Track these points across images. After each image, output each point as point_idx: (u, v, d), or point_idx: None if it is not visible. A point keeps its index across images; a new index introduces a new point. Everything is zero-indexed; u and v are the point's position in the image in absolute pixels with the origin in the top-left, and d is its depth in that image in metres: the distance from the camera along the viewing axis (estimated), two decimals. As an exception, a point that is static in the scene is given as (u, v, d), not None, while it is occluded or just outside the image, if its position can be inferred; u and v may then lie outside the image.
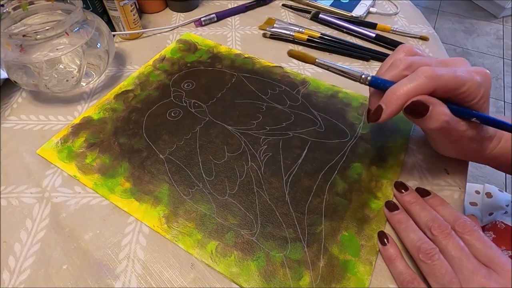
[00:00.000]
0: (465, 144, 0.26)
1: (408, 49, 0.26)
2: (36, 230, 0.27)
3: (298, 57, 0.28)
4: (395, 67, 0.25)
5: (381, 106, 0.24)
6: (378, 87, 0.25)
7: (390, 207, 0.27)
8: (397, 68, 0.24)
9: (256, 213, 0.28)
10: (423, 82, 0.22)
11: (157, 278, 0.25)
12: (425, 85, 0.22)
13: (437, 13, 1.88)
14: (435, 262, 0.22)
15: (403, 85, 0.23)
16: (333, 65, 0.26)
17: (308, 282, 0.24)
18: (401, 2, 0.53)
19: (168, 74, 0.40)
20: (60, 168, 0.31)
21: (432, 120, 0.23)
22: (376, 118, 0.24)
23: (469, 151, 0.27)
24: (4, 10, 0.34)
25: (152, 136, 0.33)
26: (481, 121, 0.24)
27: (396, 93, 0.23)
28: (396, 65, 0.25)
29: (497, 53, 1.63)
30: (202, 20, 0.48)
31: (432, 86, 0.22)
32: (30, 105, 0.37)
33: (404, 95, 0.23)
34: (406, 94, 0.22)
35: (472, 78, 0.23)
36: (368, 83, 0.25)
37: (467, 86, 0.23)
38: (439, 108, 0.23)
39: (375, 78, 0.25)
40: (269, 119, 0.35)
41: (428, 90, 0.22)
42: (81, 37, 0.34)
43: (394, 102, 0.23)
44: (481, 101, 0.23)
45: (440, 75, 0.22)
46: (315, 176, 0.30)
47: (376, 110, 0.24)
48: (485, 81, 0.23)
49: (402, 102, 0.23)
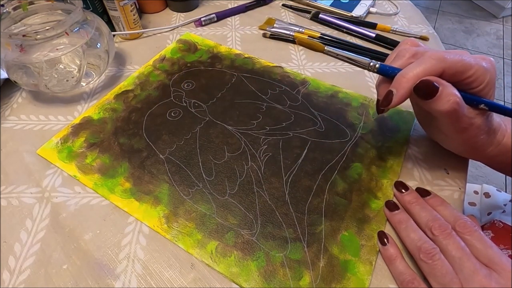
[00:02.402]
0: (472, 134, 0.25)
1: (412, 42, 0.26)
2: (36, 230, 0.27)
3: (307, 44, 0.28)
4: (402, 56, 0.25)
5: (391, 91, 0.24)
6: (386, 74, 0.25)
7: (391, 207, 0.27)
8: (404, 57, 0.25)
9: (256, 213, 0.28)
10: (432, 64, 0.22)
11: (157, 278, 0.25)
12: (434, 67, 0.22)
13: (437, 13, 1.88)
14: (436, 262, 0.22)
15: (412, 68, 0.23)
16: (342, 53, 0.26)
17: (308, 282, 0.24)
18: (401, 2, 0.53)
19: (168, 74, 0.40)
20: (60, 168, 0.31)
21: (442, 101, 0.22)
22: (387, 103, 0.24)
23: (475, 143, 0.26)
24: (4, 10, 0.34)
25: (152, 136, 0.33)
26: (489, 107, 0.24)
27: (405, 76, 0.23)
28: (402, 55, 0.25)
29: (497, 53, 1.63)
30: (202, 20, 0.48)
31: (441, 67, 0.22)
32: (30, 105, 0.37)
33: (414, 77, 0.23)
34: (416, 76, 0.23)
35: (478, 63, 0.23)
36: (377, 70, 0.25)
37: (473, 70, 0.23)
38: (449, 89, 0.22)
39: (383, 66, 0.25)
40: (269, 119, 0.35)
41: (437, 71, 0.22)
42: (81, 37, 0.34)
43: (404, 85, 0.23)
44: (487, 87, 0.23)
45: (447, 58, 0.23)
46: (315, 176, 0.30)
47: (386, 95, 0.24)
48: (491, 68, 0.23)
49: (412, 84, 0.23)
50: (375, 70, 0.25)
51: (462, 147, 0.28)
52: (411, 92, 0.23)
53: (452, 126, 0.25)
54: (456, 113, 0.23)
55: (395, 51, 0.27)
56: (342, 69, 0.41)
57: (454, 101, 0.22)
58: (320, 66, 0.42)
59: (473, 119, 0.24)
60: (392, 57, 0.26)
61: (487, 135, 0.26)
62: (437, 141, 0.31)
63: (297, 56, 0.43)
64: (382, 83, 0.26)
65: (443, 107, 0.23)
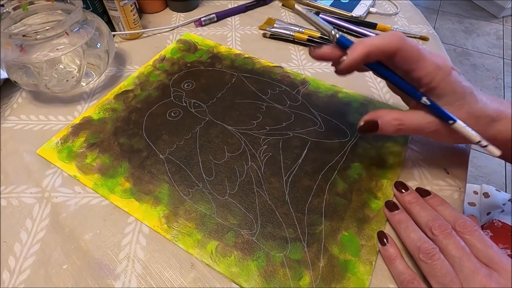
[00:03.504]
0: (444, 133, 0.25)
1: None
2: (36, 230, 0.27)
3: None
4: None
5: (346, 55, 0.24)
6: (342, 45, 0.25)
7: (390, 207, 0.27)
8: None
9: (256, 213, 0.28)
10: (390, 39, 0.24)
11: (157, 278, 0.25)
12: (391, 42, 0.23)
13: (437, 13, 1.89)
14: (436, 262, 0.22)
15: (371, 38, 0.24)
16: (308, 14, 0.26)
17: (308, 282, 0.24)
18: (401, 2, 0.53)
19: (168, 74, 0.40)
20: (60, 168, 0.31)
21: (385, 129, 0.25)
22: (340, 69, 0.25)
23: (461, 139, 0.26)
24: (4, 10, 0.34)
25: (152, 136, 0.33)
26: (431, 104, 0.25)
27: (363, 41, 0.24)
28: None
29: (497, 53, 1.62)
30: (202, 20, 0.48)
31: (396, 46, 0.23)
32: (30, 105, 0.37)
33: (370, 44, 0.24)
34: (372, 44, 0.24)
35: (431, 58, 0.24)
36: (336, 40, 0.25)
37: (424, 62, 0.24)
38: (387, 117, 0.25)
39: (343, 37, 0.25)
40: (269, 119, 0.35)
41: (392, 47, 0.23)
42: (81, 37, 0.34)
43: (358, 50, 0.24)
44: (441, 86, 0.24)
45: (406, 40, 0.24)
46: (315, 176, 0.30)
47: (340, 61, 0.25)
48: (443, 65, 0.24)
49: (366, 51, 0.24)
50: (335, 40, 0.25)
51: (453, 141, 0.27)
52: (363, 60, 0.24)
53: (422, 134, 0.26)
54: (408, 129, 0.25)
55: None
56: (342, 69, 0.41)
57: (395, 124, 0.25)
58: (320, 66, 0.42)
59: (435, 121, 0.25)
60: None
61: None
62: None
63: (297, 56, 0.43)
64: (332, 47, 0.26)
65: (389, 131, 0.25)
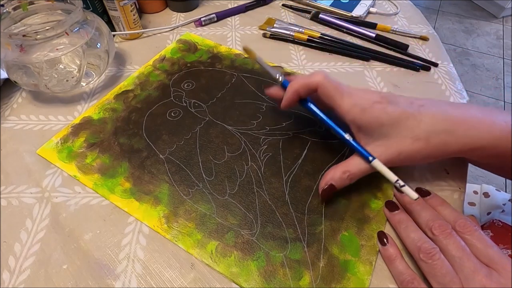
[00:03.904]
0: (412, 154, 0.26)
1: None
2: (36, 230, 0.27)
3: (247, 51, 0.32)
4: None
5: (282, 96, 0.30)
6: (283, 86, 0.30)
7: (390, 207, 0.27)
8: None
9: (256, 213, 0.28)
10: (313, 76, 0.27)
11: (157, 278, 0.25)
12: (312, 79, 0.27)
13: (437, 13, 1.89)
14: (436, 261, 0.22)
15: (298, 78, 0.29)
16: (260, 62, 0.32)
17: (308, 282, 0.24)
18: (401, 2, 0.53)
19: (168, 74, 0.40)
20: (60, 168, 0.31)
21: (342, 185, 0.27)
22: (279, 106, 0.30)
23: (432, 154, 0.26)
24: (4, 10, 0.34)
25: (152, 136, 0.33)
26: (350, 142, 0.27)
27: (291, 84, 0.29)
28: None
29: (497, 53, 1.63)
30: (202, 20, 0.48)
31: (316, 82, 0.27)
32: (30, 105, 0.37)
33: (297, 83, 0.28)
34: (298, 82, 0.28)
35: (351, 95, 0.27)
36: (280, 83, 0.30)
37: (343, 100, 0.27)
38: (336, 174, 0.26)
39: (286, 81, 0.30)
40: (269, 119, 0.35)
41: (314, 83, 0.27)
42: (81, 37, 0.34)
43: (290, 90, 0.29)
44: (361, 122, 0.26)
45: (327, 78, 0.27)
46: (315, 176, 0.30)
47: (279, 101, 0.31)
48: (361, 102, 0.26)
49: (295, 89, 0.28)
50: (279, 83, 0.30)
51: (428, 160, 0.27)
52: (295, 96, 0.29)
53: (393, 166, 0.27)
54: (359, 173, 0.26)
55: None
56: (342, 69, 0.41)
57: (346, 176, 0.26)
58: (320, 66, 0.42)
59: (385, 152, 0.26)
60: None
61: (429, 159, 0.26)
62: None
63: (297, 56, 0.43)
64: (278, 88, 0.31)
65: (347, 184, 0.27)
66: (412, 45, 0.44)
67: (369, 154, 0.26)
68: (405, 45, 0.43)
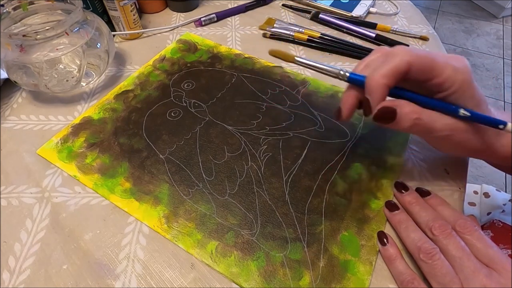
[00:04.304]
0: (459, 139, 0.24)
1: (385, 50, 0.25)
2: (36, 230, 0.27)
3: (278, 55, 0.28)
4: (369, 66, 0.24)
5: (368, 99, 0.23)
6: (355, 82, 0.24)
7: (390, 207, 0.27)
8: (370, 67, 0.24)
9: (256, 213, 0.28)
10: (396, 60, 0.22)
11: (157, 278, 0.25)
12: (399, 62, 0.22)
13: (437, 13, 1.89)
14: (436, 262, 0.22)
15: (379, 69, 0.22)
16: (311, 62, 0.26)
17: (308, 282, 0.24)
18: (401, 2, 0.53)
19: (168, 74, 0.40)
20: (60, 168, 0.31)
21: (403, 121, 0.23)
22: (369, 111, 0.24)
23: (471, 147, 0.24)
24: (4, 10, 0.34)
25: (152, 136, 0.33)
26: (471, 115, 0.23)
27: (373, 78, 0.22)
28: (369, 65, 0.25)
29: (497, 53, 1.62)
30: (202, 20, 0.48)
31: (406, 61, 0.22)
32: (30, 105, 0.37)
33: (381, 77, 0.22)
34: (384, 75, 0.22)
35: (447, 61, 0.22)
36: (347, 79, 0.24)
37: (441, 67, 0.22)
38: (406, 108, 0.22)
39: (353, 74, 0.24)
40: (269, 119, 0.35)
41: (403, 66, 0.22)
42: (81, 37, 0.34)
43: (375, 89, 0.22)
44: (462, 88, 0.22)
45: (412, 51, 0.22)
46: (315, 176, 0.30)
47: (365, 105, 0.24)
48: (463, 67, 0.23)
49: (382, 85, 0.22)
50: (345, 79, 0.24)
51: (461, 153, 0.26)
52: (385, 95, 0.23)
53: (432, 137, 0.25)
54: (423, 126, 0.23)
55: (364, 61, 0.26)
56: (342, 69, 0.41)
57: (414, 117, 0.22)
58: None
59: (453, 124, 0.23)
60: (361, 65, 0.26)
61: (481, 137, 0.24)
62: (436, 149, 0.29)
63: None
64: (348, 90, 0.25)
65: (405, 125, 0.23)
66: (412, 45, 0.44)
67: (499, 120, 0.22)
68: (405, 45, 0.43)
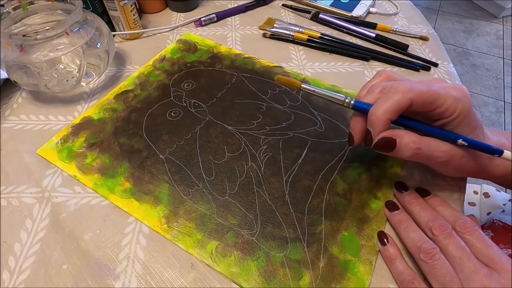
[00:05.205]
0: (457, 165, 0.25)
1: (386, 74, 0.27)
2: (36, 230, 0.27)
3: (284, 82, 0.28)
4: (372, 92, 0.25)
5: (369, 130, 0.25)
6: (360, 110, 0.26)
7: (390, 207, 0.27)
8: (373, 92, 0.25)
9: (256, 213, 0.28)
10: (398, 97, 0.23)
11: (157, 278, 0.25)
12: (401, 100, 0.23)
13: (437, 13, 1.89)
14: (436, 261, 0.22)
15: (381, 105, 0.23)
16: (317, 89, 0.27)
17: (308, 282, 0.24)
18: (401, 2, 0.53)
19: (168, 74, 0.40)
20: (60, 168, 0.31)
21: (402, 150, 0.23)
22: (370, 142, 0.25)
23: (468, 170, 0.26)
24: (4, 10, 0.34)
25: (152, 136, 0.33)
26: (469, 144, 0.24)
27: (376, 114, 0.24)
28: (372, 90, 0.26)
29: (497, 53, 1.62)
30: (202, 20, 0.48)
31: (408, 98, 0.23)
32: (30, 105, 0.37)
33: (383, 113, 0.23)
34: (386, 112, 0.23)
35: (448, 92, 0.23)
36: (352, 107, 0.26)
37: (442, 99, 0.23)
38: (406, 138, 0.23)
39: (357, 102, 0.25)
40: (269, 119, 0.35)
41: (405, 104, 0.23)
42: (81, 37, 0.34)
43: (377, 123, 0.24)
44: (461, 116, 0.23)
45: (414, 88, 0.23)
46: (315, 176, 0.30)
47: (366, 135, 0.25)
48: (462, 96, 0.24)
49: (384, 120, 0.23)
50: (350, 106, 0.26)
51: (459, 175, 0.27)
52: (388, 124, 0.24)
53: (431, 163, 0.26)
54: (422, 154, 0.24)
55: (369, 82, 0.27)
56: (342, 69, 0.41)
57: (413, 148, 0.23)
58: (320, 66, 0.42)
59: (450, 151, 0.24)
60: (364, 91, 0.27)
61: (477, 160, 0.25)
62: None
63: (297, 56, 0.43)
64: (354, 116, 0.27)
65: (405, 155, 0.24)
66: (412, 45, 0.44)
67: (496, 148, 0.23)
68: (405, 45, 0.43)
